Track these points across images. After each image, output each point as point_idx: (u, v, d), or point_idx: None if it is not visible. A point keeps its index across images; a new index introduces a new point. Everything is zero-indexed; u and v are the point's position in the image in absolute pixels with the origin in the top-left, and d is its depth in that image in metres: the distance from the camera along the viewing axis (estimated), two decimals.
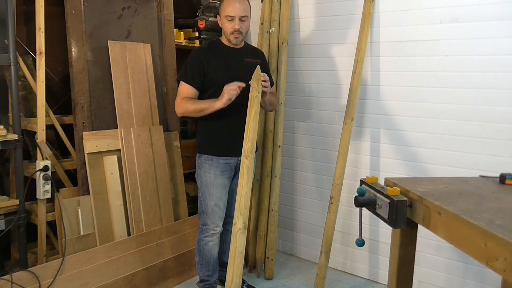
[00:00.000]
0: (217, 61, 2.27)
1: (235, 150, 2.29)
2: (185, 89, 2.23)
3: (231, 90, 2.11)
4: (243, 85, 2.12)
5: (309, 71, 2.93)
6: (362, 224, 1.54)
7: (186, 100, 2.21)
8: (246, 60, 2.34)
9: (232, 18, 2.22)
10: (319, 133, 2.93)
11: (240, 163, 2.32)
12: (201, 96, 2.27)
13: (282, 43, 2.82)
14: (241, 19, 2.23)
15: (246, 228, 2.00)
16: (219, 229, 2.37)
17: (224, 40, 2.34)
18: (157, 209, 2.71)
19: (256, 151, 2.50)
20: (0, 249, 2.47)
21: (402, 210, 1.33)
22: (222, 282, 2.58)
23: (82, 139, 2.45)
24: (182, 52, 3.21)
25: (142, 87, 2.73)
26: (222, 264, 2.58)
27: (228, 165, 2.33)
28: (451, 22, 2.34)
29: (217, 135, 2.30)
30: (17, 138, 2.25)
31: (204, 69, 2.23)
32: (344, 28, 2.72)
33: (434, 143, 2.45)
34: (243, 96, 2.18)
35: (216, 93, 2.21)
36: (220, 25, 2.30)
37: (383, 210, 1.38)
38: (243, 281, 2.61)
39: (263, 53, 2.59)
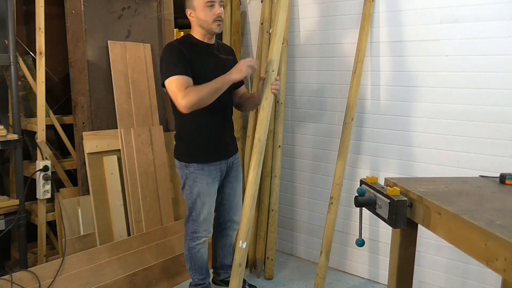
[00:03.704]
0: (195, 57, 2.08)
1: (224, 153, 2.27)
2: (183, 80, 1.97)
3: (250, 62, 1.98)
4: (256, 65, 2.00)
5: (309, 71, 2.93)
6: (362, 224, 1.54)
7: (195, 87, 1.97)
8: (221, 57, 2.23)
9: (212, 4, 2.05)
10: (319, 133, 2.93)
11: (230, 165, 2.30)
12: None
13: (282, 43, 2.81)
14: (220, 3, 2.08)
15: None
16: (211, 234, 2.33)
17: (197, 35, 2.15)
18: (157, 209, 2.71)
19: (236, 152, 2.38)
20: (0, 249, 2.47)
21: (402, 210, 1.33)
22: (226, 283, 2.60)
23: (82, 139, 2.45)
24: None
25: (142, 87, 2.73)
26: (224, 267, 2.59)
27: (219, 171, 2.25)
28: (451, 22, 2.34)
29: (206, 141, 2.17)
30: (17, 138, 2.25)
31: (189, 62, 2.04)
32: (344, 28, 2.72)
33: (434, 143, 2.45)
34: (227, 97, 2.16)
35: None
36: (193, 18, 2.10)
37: (383, 210, 1.38)
38: (244, 281, 2.62)
39: (233, 49, 2.49)
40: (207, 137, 2.18)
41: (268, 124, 2.13)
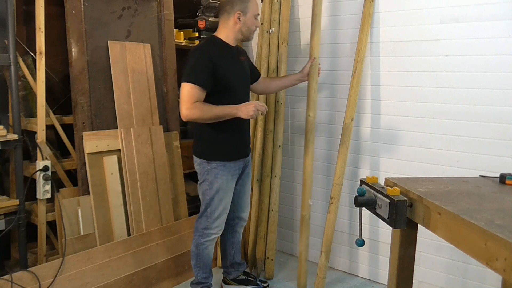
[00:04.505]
0: (224, 61, 2.18)
1: (244, 152, 2.35)
2: (196, 91, 2.06)
3: (261, 107, 2.09)
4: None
5: None
6: (362, 224, 1.54)
7: (202, 105, 2.07)
8: (240, 59, 2.33)
9: (257, 16, 2.26)
10: (319, 133, 2.92)
11: (246, 163, 2.40)
12: (210, 98, 2.13)
13: (282, 43, 2.82)
14: None
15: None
16: (221, 231, 2.37)
17: (225, 37, 2.23)
18: (157, 209, 2.71)
19: (250, 152, 2.50)
20: (0, 249, 2.47)
21: (402, 210, 1.33)
22: (238, 281, 2.61)
23: (82, 139, 2.45)
24: (182, 52, 3.21)
25: (142, 87, 2.73)
26: (235, 265, 2.61)
27: (237, 168, 2.32)
28: (451, 22, 2.34)
29: (230, 141, 2.25)
30: (17, 138, 2.25)
31: (214, 70, 2.11)
32: (344, 28, 2.72)
33: (434, 143, 2.45)
34: (247, 97, 2.31)
35: (227, 95, 2.16)
36: (237, 21, 2.19)
37: (383, 210, 1.39)
38: (254, 277, 2.68)
39: (245, 50, 2.57)
40: (230, 136, 2.25)
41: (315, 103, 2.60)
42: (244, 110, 2.08)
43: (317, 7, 2.50)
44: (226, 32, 2.23)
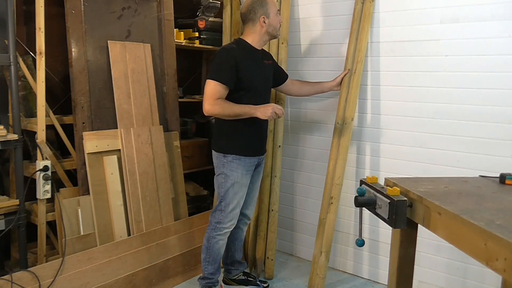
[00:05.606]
0: (248, 63, 2.25)
1: (259, 150, 2.40)
2: (219, 89, 2.16)
3: (278, 109, 2.16)
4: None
5: (309, 71, 2.93)
6: (362, 224, 1.54)
7: (223, 102, 2.17)
8: (265, 63, 2.39)
9: (278, 11, 2.31)
10: (319, 133, 2.93)
11: (259, 161, 2.44)
12: (232, 96, 2.21)
13: (282, 43, 2.82)
14: None
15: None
16: (233, 226, 2.40)
17: (251, 40, 2.31)
18: (157, 209, 2.71)
19: (266, 152, 2.57)
20: (0, 249, 2.47)
21: (402, 210, 1.33)
22: (238, 282, 2.61)
23: (82, 139, 2.45)
24: (182, 52, 3.21)
25: (142, 87, 2.73)
26: (235, 263, 2.61)
27: (252, 165, 2.36)
28: (451, 22, 2.34)
29: (247, 137, 2.31)
30: (17, 138, 2.25)
31: (237, 70, 2.19)
32: (344, 28, 2.72)
33: (434, 143, 2.45)
34: (267, 98, 2.39)
35: (248, 95, 2.24)
36: (263, 25, 2.26)
37: (383, 210, 1.39)
38: (254, 277, 2.69)
39: (271, 54, 2.61)
40: (249, 135, 2.32)
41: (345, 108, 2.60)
42: (262, 111, 2.16)
43: (356, 22, 2.59)
44: (253, 37, 2.31)
